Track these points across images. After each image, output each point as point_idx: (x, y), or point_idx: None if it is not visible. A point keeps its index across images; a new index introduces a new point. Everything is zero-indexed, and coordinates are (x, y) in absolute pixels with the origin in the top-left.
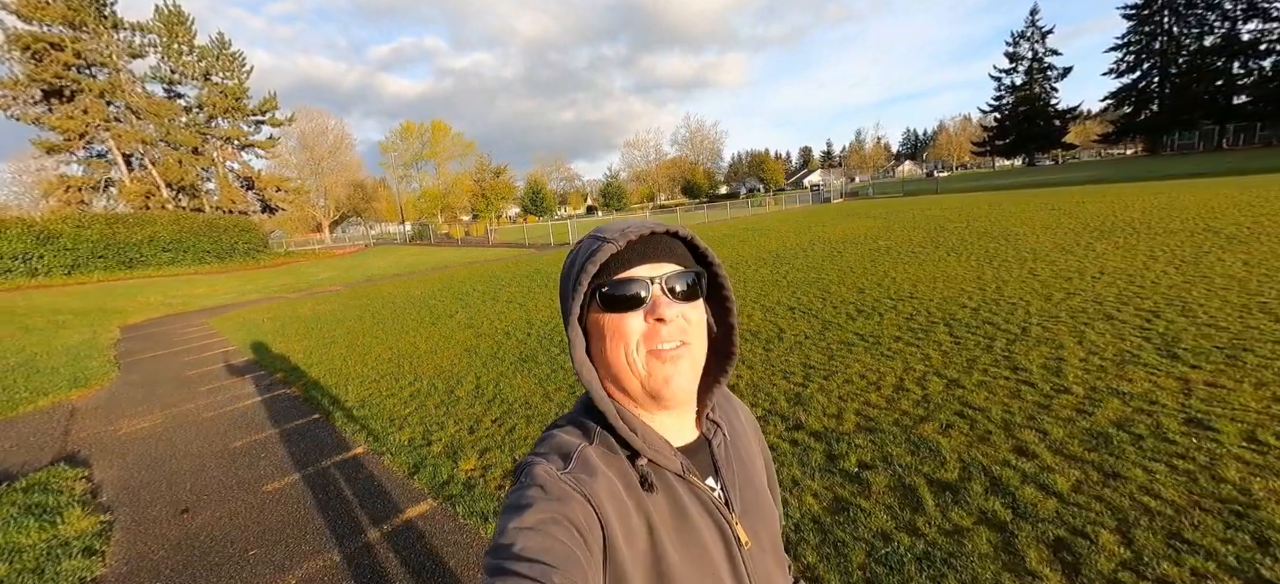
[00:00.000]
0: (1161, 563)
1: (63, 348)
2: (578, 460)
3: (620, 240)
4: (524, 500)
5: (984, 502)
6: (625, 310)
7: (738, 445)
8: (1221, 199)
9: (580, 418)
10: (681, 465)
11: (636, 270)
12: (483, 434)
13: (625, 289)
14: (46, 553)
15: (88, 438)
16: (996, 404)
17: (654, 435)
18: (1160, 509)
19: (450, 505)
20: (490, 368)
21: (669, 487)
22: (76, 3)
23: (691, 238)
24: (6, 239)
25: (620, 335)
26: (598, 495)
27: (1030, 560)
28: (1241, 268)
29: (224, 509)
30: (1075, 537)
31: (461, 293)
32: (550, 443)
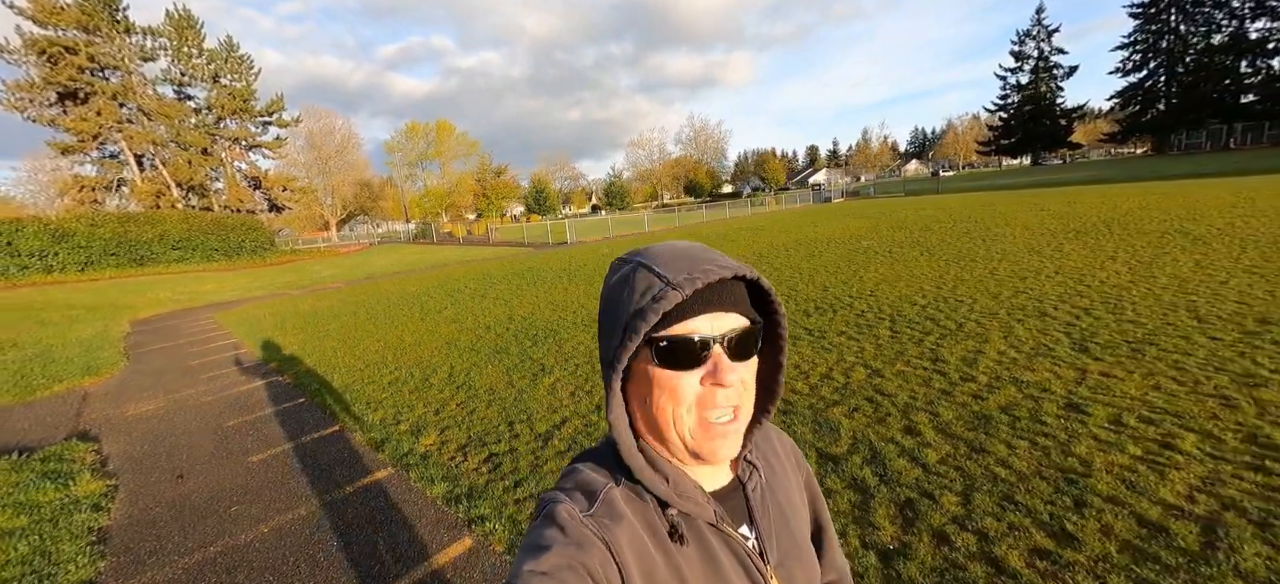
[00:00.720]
0: (985, 518)
1: (76, 340)
2: (602, 503)
3: (687, 286)
4: (542, 542)
5: (858, 471)
6: (682, 369)
7: (775, 488)
8: (1209, 200)
9: (608, 456)
10: (715, 514)
11: (698, 323)
12: (446, 416)
13: (687, 346)
14: (61, 508)
15: (98, 418)
16: (905, 391)
17: (687, 483)
18: (1006, 477)
19: (405, 472)
20: (465, 359)
21: (701, 537)
22: (90, 7)
23: (758, 280)
24: (24, 237)
25: (672, 395)
26: (619, 543)
27: (876, 517)
28: (1191, 269)
29: (214, 475)
30: (923, 498)
31: (454, 290)
32: (575, 478)
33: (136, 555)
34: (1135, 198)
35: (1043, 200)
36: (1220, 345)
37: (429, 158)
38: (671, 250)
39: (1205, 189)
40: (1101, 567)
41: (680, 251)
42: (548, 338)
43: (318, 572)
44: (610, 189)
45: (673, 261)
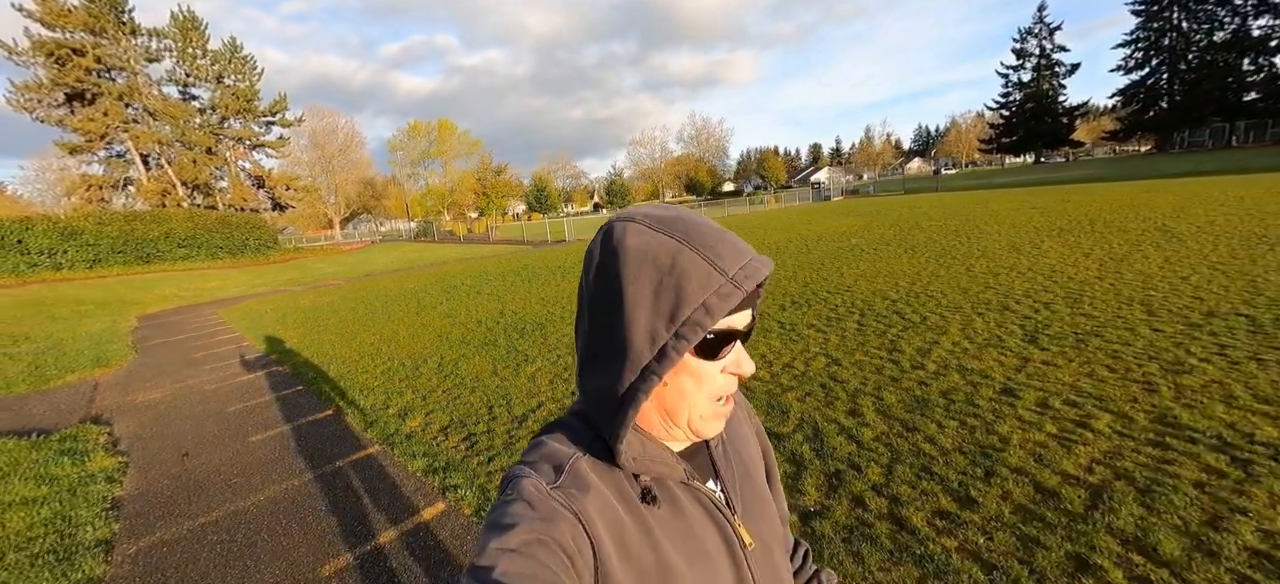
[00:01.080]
0: (901, 486)
1: (86, 334)
2: (569, 473)
3: (747, 285)
4: (508, 518)
5: (798, 447)
6: (712, 358)
7: (736, 443)
8: (1198, 198)
9: (576, 422)
10: (685, 472)
11: (735, 320)
12: (432, 402)
13: (726, 341)
14: (78, 480)
15: (109, 405)
16: (857, 378)
17: (656, 447)
18: (929, 452)
19: (391, 449)
20: (455, 350)
21: (671, 495)
22: (97, 10)
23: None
24: (34, 235)
25: (698, 382)
26: (588, 513)
27: (805, 484)
28: (1159, 265)
29: (216, 453)
30: (850, 469)
31: (450, 287)
32: (540, 450)
33: (147, 519)
34: (1126, 196)
35: (1036, 198)
36: (1161, 337)
37: (431, 157)
38: (711, 231)
39: (1199, 187)
40: (992, 525)
41: (719, 235)
42: (535, 331)
43: (308, 530)
44: (611, 187)
45: (721, 248)
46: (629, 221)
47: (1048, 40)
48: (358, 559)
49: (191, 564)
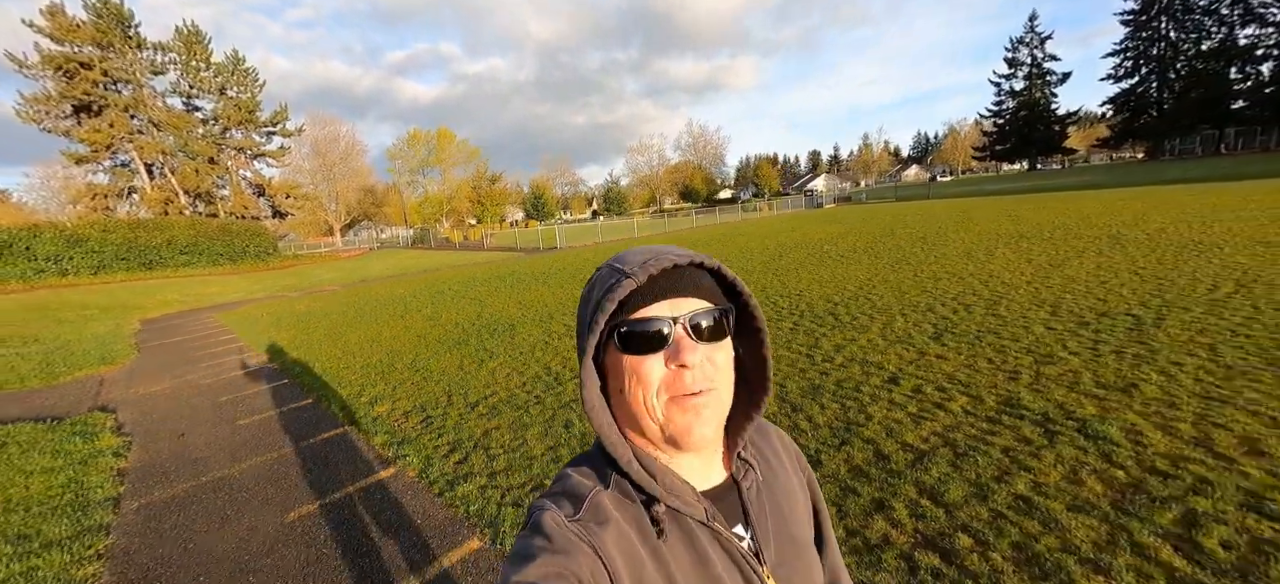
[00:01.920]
0: None
1: (92, 336)
2: (589, 506)
3: (641, 274)
4: (528, 551)
5: None
6: (645, 352)
7: (773, 487)
8: (1164, 205)
9: (597, 459)
10: (706, 512)
11: (657, 308)
12: (400, 392)
13: (645, 329)
14: (89, 454)
15: (114, 396)
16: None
17: (675, 479)
18: (804, 426)
19: (358, 430)
20: (429, 349)
21: (690, 535)
22: (104, 25)
23: (718, 268)
24: (41, 242)
25: (639, 379)
26: (606, 547)
27: None
28: (1090, 271)
29: (208, 434)
30: None
31: (438, 292)
32: (563, 484)
33: (147, 483)
34: (1099, 204)
35: (1015, 206)
36: (1050, 334)
37: (430, 165)
38: (639, 249)
39: (1172, 195)
40: (828, 482)
41: (646, 249)
42: (505, 332)
43: (281, 489)
44: (608, 195)
45: (634, 257)
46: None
47: (1039, 49)
48: (320, 508)
49: (183, 514)
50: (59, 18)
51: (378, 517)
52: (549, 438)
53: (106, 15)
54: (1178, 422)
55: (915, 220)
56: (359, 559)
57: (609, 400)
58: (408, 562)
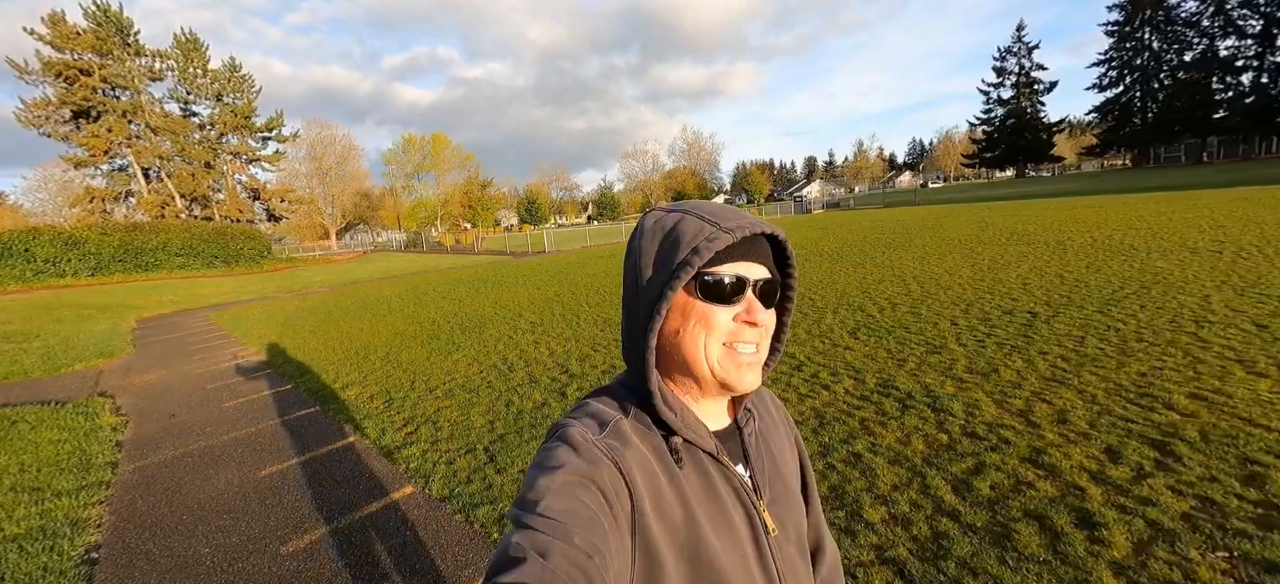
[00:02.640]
0: None
1: (90, 333)
2: (612, 429)
3: (737, 232)
4: (553, 460)
5: None
6: (720, 303)
7: (768, 437)
8: (1121, 214)
9: (619, 392)
10: (715, 447)
11: (739, 267)
12: (370, 378)
13: (725, 282)
14: (91, 429)
15: (112, 385)
16: None
17: (692, 417)
18: None
19: (328, 411)
20: (402, 343)
21: (701, 466)
22: (104, 33)
23: (784, 242)
24: (40, 245)
25: (707, 325)
26: (628, 464)
27: None
28: (1019, 275)
29: (196, 414)
30: None
31: (421, 293)
32: (585, 409)
33: (142, 451)
34: (1063, 211)
35: (988, 213)
36: (951, 329)
37: (425, 169)
38: (714, 206)
39: (1138, 203)
40: None
41: (721, 207)
42: (476, 328)
43: (257, 453)
44: (601, 200)
45: (719, 214)
46: (651, 211)
47: (1026, 59)
48: (288, 467)
49: (171, 473)
50: (60, 26)
51: (336, 473)
52: (490, 415)
53: (106, 24)
54: (1013, 399)
55: (890, 226)
56: (317, 501)
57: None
58: (354, 502)
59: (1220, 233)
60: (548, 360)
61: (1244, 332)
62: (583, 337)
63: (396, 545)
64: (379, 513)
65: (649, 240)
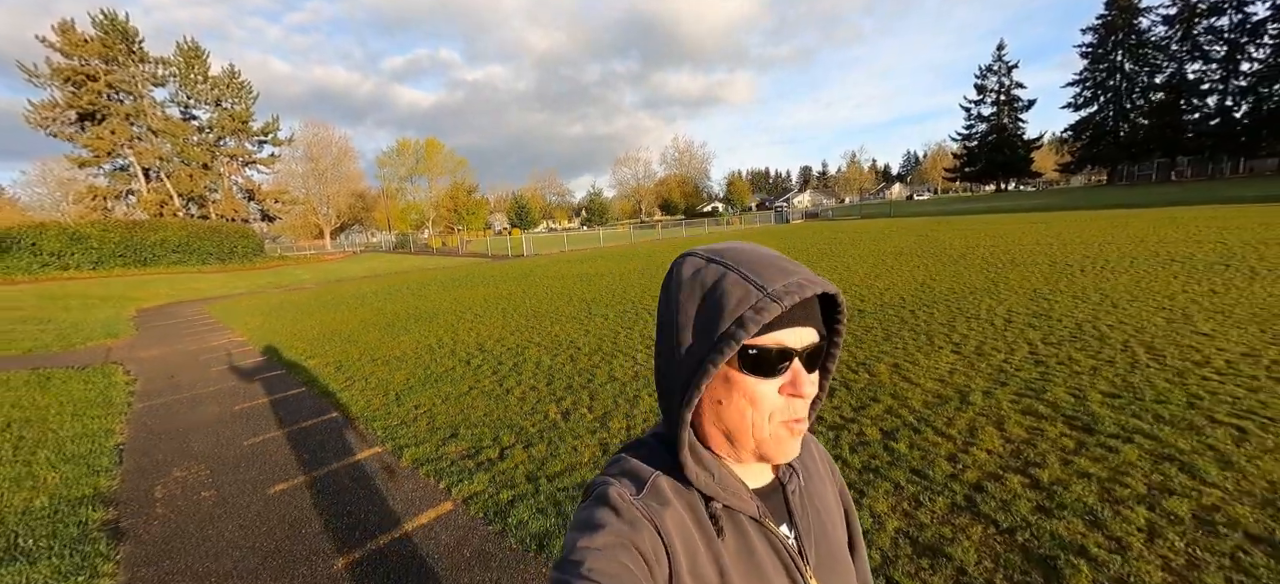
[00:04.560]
0: (576, 394)
1: (97, 318)
2: (650, 488)
3: (786, 301)
4: (595, 521)
5: (533, 363)
6: (764, 376)
7: (813, 492)
8: (1052, 230)
9: (655, 444)
10: (758, 509)
11: (784, 336)
12: (330, 354)
13: (773, 357)
14: (108, 383)
15: (120, 357)
16: (635, 350)
17: (731, 479)
18: (611, 382)
19: (292, 372)
20: (366, 330)
21: (741, 530)
22: (110, 40)
23: (835, 294)
24: (46, 239)
25: (753, 401)
26: (667, 527)
27: (557, 396)
28: (908, 278)
29: (190, 376)
30: (569, 394)
31: (395, 290)
32: (622, 466)
33: (149, 398)
34: (1004, 226)
35: (937, 227)
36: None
37: (418, 173)
38: (758, 256)
39: (1079, 220)
40: (596, 429)
41: (766, 259)
42: (428, 319)
43: (234, 398)
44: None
45: (765, 270)
46: (689, 256)
47: (1006, 77)
48: (255, 405)
49: (171, 408)
50: (69, 34)
51: (290, 410)
52: (407, 374)
53: (112, 32)
54: None
55: (847, 236)
56: (274, 420)
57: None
58: (299, 419)
59: (1099, 250)
60: (470, 342)
61: (995, 326)
62: (509, 325)
63: (320, 440)
64: (316, 427)
65: (686, 296)
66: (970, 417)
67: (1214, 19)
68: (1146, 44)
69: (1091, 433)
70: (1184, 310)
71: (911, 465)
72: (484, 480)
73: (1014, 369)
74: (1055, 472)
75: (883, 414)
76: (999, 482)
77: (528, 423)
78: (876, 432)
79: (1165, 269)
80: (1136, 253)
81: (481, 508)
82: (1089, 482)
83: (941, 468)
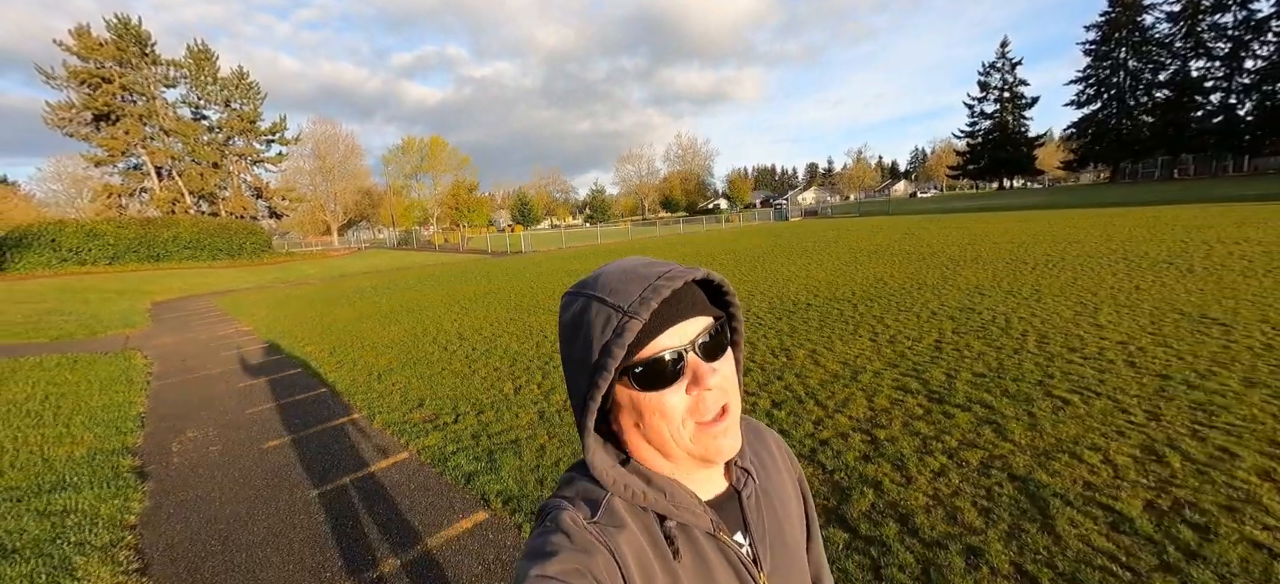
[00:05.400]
0: (532, 375)
1: (115, 310)
2: (604, 510)
3: (643, 311)
4: (547, 547)
5: (503, 346)
6: (663, 387)
7: (770, 492)
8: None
9: None
10: (711, 522)
11: (666, 339)
12: (326, 341)
13: (660, 366)
14: (129, 365)
15: (138, 344)
16: None
17: (683, 493)
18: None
19: (291, 358)
20: (359, 320)
21: (696, 545)
22: (124, 44)
23: (707, 276)
24: (65, 236)
25: (663, 414)
26: (623, 551)
27: (517, 383)
28: (868, 273)
29: (201, 360)
30: (523, 370)
31: (392, 285)
32: (575, 487)
33: (165, 376)
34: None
35: (923, 226)
36: (791, 316)
37: (423, 170)
38: (620, 273)
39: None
40: (539, 401)
41: (629, 272)
42: (418, 312)
43: (240, 377)
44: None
45: (623, 286)
46: (566, 295)
47: (1010, 74)
48: (257, 383)
49: (185, 385)
50: (85, 38)
51: (286, 387)
52: (389, 358)
53: (126, 36)
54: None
55: (834, 235)
56: (271, 394)
57: (618, 427)
58: (294, 392)
59: (1063, 248)
60: (451, 331)
61: (919, 318)
62: (490, 317)
63: (309, 409)
64: (306, 399)
65: (565, 339)
66: (851, 392)
67: (1218, 16)
68: (1150, 41)
69: (941, 404)
70: (1096, 304)
71: (781, 427)
72: (437, 438)
73: (913, 355)
74: (893, 432)
75: (781, 390)
76: (844, 439)
77: (484, 396)
78: (767, 402)
79: (1110, 267)
80: (1098, 251)
81: (431, 457)
82: (915, 438)
83: (804, 429)
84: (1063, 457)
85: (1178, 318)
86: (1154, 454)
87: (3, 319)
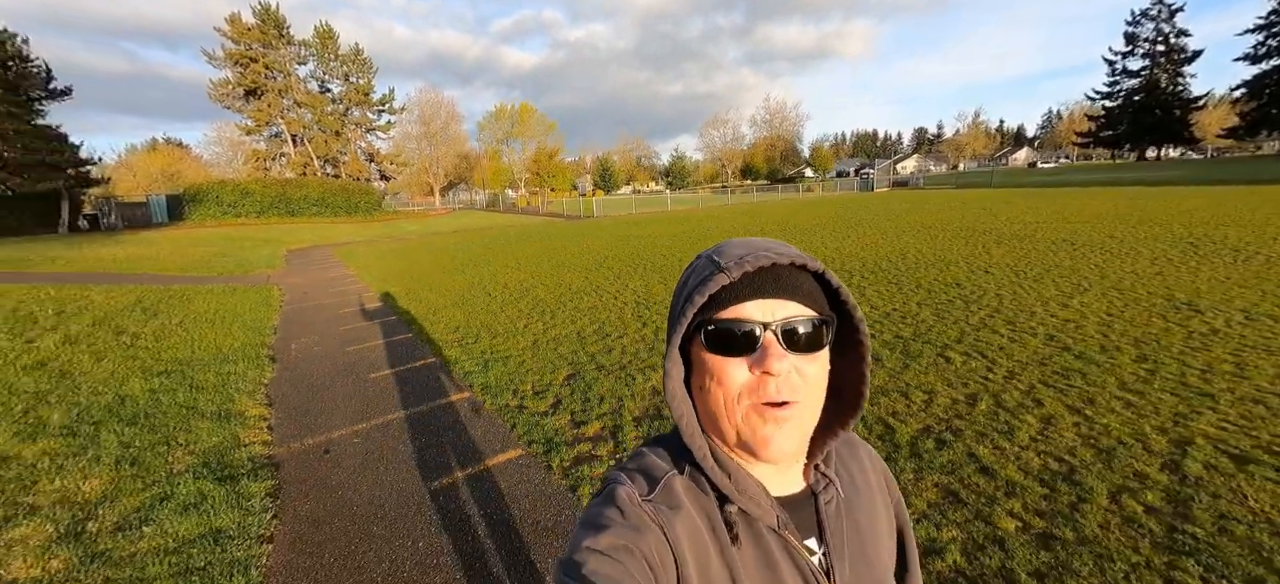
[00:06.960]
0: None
1: (259, 255)
2: (662, 488)
3: (735, 270)
4: (601, 520)
5: (512, 311)
6: (730, 354)
7: (856, 507)
8: (1133, 209)
9: (675, 444)
10: (778, 519)
11: (748, 308)
12: (408, 285)
13: (732, 329)
14: (268, 294)
15: (276, 280)
16: (602, 315)
17: (749, 481)
18: (551, 336)
19: (382, 297)
20: (439, 270)
21: (760, 540)
22: (266, 29)
23: (822, 271)
24: (226, 193)
25: (722, 381)
26: (676, 531)
27: (501, 322)
28: (930, 252)
29: (319, 294)
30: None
31: (471, 244)
32: (639, 461)
33: (293, 303)
34: (1098, 204)
35: (1017, 201)
36: None
37: (513, 135)
38: (740, 241)
39: (1191, 198)
40: (537, 331)
41: (747, 242)
42: (480, 265)
43: (346, 306)
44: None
45: (732, 250)
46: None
47: (1167, 23)
48: (358, 310)
49: (304, 310)
50: (237, 24)
51: (370, 313)
52: (451, 300)
53: (268, 20)
54: None
55: (904, 207)
56: (359, 320)
57: (691, 393)
58: (371, 318)
59: (1113, 228)
60: (499, 283)
61: (904, 290)
62: (536, 273)
63: (381, 328)
64: (381, 323)
65: (676, 290)
66: None
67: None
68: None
69: (877, 360)
70: (1063, 281)
71: None
72: (458, 351)
73: (876, 318)
74: None
75: None
76: None
77: (500, 326)
78: None
79: (1130, 247)
80: (1150, 234)
81: (450, 360)
82: None
83: None
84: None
85: None
86: None
87: (191, 257)
